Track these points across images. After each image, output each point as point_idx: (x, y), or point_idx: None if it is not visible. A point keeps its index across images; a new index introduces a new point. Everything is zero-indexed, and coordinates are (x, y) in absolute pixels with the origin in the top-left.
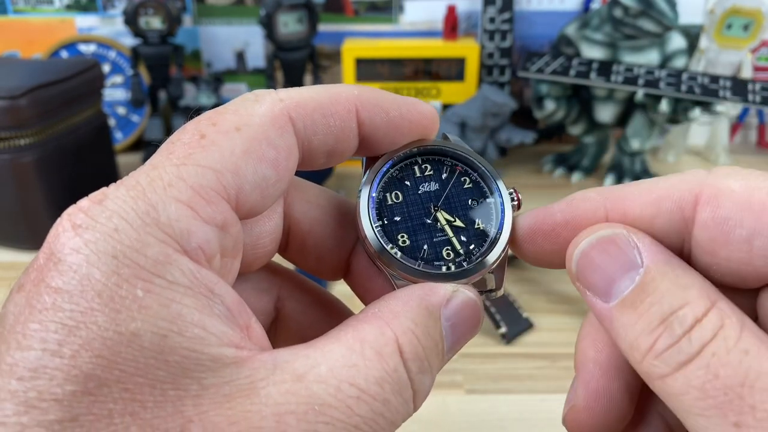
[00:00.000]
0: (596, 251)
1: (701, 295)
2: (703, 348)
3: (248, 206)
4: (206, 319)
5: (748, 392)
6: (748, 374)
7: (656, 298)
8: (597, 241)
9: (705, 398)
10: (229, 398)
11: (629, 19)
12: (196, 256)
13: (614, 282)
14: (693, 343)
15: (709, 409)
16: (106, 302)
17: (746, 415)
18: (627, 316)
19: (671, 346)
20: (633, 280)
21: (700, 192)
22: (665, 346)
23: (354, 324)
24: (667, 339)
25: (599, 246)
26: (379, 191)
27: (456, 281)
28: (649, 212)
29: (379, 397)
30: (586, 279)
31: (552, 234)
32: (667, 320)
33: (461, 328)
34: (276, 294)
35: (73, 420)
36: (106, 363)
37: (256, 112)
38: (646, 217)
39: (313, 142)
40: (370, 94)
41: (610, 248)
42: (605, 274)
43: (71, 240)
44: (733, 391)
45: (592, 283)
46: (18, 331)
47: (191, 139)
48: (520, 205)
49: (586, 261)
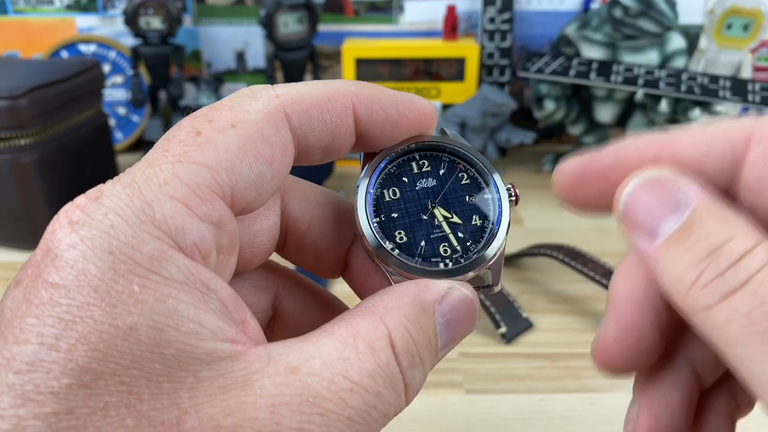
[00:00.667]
0: (643, 192)
1: (748, 232)
2: (750, 279)
3: (244, 203)
4: (201, 314)
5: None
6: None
7: (702, 234)
8: (645, 181)
9: (751, 324)
10: (225, 390)
11: (629, 19)
12: (192, 253)
13: (661, 221)
14: (739, 273)
15: (756, 335)
16: (102, 297)
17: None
18: (673, 253)
19: (717, 276)
20: (680, 218)
21: (752, 132)
22: (711, 278)
23: (347, 318)
24: (714, 270)
25: (647, 186)
26: (376, 188)
27: (453, 278)
28: (701, 152)
29: (371, 390)
30: (634, 219)
31: (601, 177)
32: (713, 254)
33: (456, 325)
34: (274, 292)
35: (70, 412)
36: (102, 356)
37: (251, 109)
38: (697, 156)
39: (309, 138)
40: (368, 90)
41: (657, 188)
42: (652, 213)
43: (68, 236)
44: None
45: (639, 223)
46: (15, 326)
47: (187, 136)
48: (518, 200)
49: (634, 201)
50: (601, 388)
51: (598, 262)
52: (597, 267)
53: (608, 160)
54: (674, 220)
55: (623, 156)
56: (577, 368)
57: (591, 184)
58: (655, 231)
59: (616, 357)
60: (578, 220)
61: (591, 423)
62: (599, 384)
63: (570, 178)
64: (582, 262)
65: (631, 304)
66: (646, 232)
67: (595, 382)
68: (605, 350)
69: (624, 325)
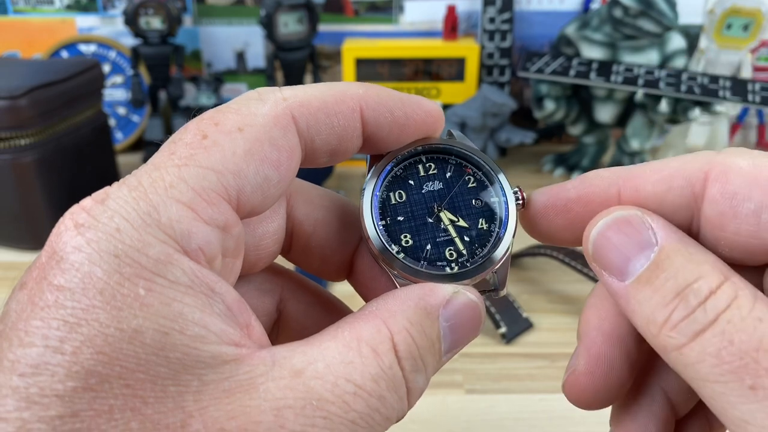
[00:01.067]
0: (612, 231)
1: (715, 269)
2: (718, 317)
3: (250, 207)
4: (207, 317)
5: (764, 356)
6: (763, 339)
7: (671, 274)
8: (613, 221)
9: (721, 364)
10: (229, 394)
11: (629, 19)
12: (197, 257)
13: (630, 261)
14: (708, 312)
15: (725, 375)
16: (107, 300)
17: (762, 378)
18: (643, 293)
19: (687, 316)
20: (648, 258)
21: (709, 169)
22: (681, 317)
23: (351, 321)
24: (683, 310)
25: (615, 226)
26: (382, 190)
27: (458, 282)
28: (661, 189)
29: (374, 394)
30: (603, 259)
31: (565, 209)
32: (682, 293)
33: (461, 330)
34: (278, 295)
35: (74, 415)
36: (107, 359)
37: (258, 112)
38: (658, 193)
39: (316, 141)
40: (375, 93)
41: (625, 228)
42: (621, 253)
43: (74, 239)
44: (749, 356)
45: (609, 263)
46: (20, 328)
47: (193, 139)
48: (525, 203)
49: (603, 241)
50: None
51: None
52: None
53: (572, 194)
54: (643, 259)
55: (586, 190)
56: None
57: (556, 217)
58: (624, 270)
59: (588, 389)
60: None
61: (591, 423)
62: None
63: (536, 211)
64: (582, 262)
65: (600, 335)
66: (615, 272)
67: None
68: (576, 382)
69: (594, 356)
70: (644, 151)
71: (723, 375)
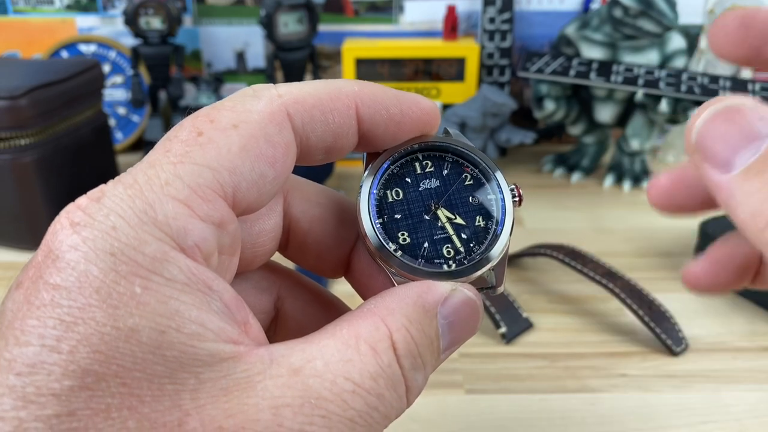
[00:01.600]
0: (720, 120)
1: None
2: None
3: (245, 204)
4: (204, 315)
5: None
6: None
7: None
8: (722, 110)
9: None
10: (227, 392)
11: (629, 19)
12: (193, 254)
13: (737, 152)
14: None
15: None
16: (104, 299)
17: None
18: (749, 186)
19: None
20: (758, 149)
21: None
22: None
23: (349, 319)
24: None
25: (723, 115)
26: (379, 188)
27: (456, 279)
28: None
29: (373, 392)
30: (707, 149)
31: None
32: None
33: (459, 327)
34: (276, 293)
35: (71, 414)
36: (103, 358)
37: (254, 109)
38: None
39: (312, 138)
40: (371, 90)
41: (735, 118)
42: (728, 143)
43: (69, 237)
44: None
45: (713, 153)
46: (16, 327)
47: (188, 136)
48: (521, 201)
49: (708, 130)
50: (601, 388)
51: (598, 262)
52: (597, 267)
53: None
54: (751, 151)
55: None
56: (577, 368)
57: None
58: (730, 162)
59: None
60: (578, 220)
61: (591, 423)
62: (599, 384)
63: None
64: (582, 262)
65: None
66: (720, 163)
67: (595, 382)
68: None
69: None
70: (644, 151)
71: None
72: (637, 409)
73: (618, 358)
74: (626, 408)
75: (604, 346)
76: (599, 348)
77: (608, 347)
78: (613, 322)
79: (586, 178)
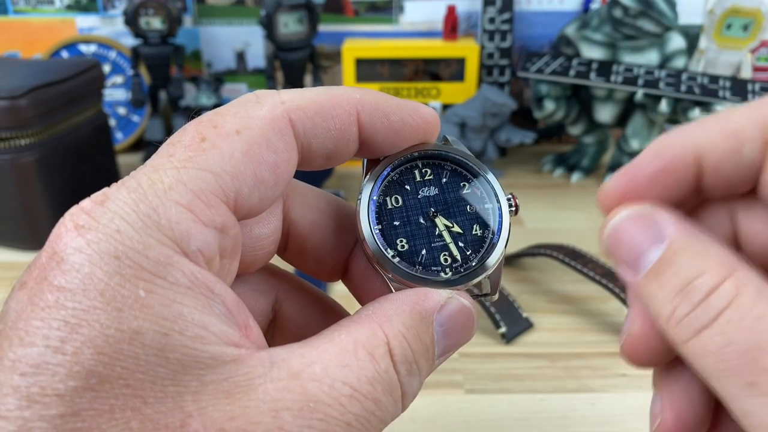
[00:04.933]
0: (625, 227)
1: (719, 264)
2: (719, 314)
3: (247, 208)
4: (206, 318)
5: (762, 355)
6: (761, 338)
7: (676, 269)
8: (625, 218)
9: (721, 361)
10: (228, 394)
11: (629, 19)
12: (196, 258)
13: (641, 256)
14: (709, 310)
15: (726, 371)
16: (108, 301)
17: (760, 375)
18: (652, 287)
19: (689, 313)
20: (657, 253)
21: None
22: (684, 313)
23: (347, 325)
24: (686, 306)
25: (628, 222)
26: (379, 195)
27: (452, 287)
28: (733, 142)
29: (370, 396)
30: (617, 254)
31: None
32: (685, 289)
33: (454, 335)
34: (274, 296)
35: (75, 415)
36: (107, 360)
37: (256, 115)
38: (732, 147)
39: (313, 144)
40: (372, 98)
41: (637, 224)
42: (633, 248)
43: (74, 240)
44: (748, 355)
45: (622, 258)
46: (20, 328)
47: (191, 141)
48: (518, 210)
49: (616, 236)
50: (601, 388)
51: (598, 262)
52: (597, 267)
53: (648, 170)
54: (653, 254)
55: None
56: (577, 368)
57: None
58: (637, 265)
59: (644, 350)
60: (578, 220)
61: (591, 423)
62: (599, 384)
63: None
64: (582, 262)
65: None
66: (629, 266)
67: (595, 382)
68: (633, 345)
69: (649, 319)
70: None
71: (724, 371)
72: (637, 409)
73: (618, 358)
74: (626, 408)
75: (604, 346)
76: (599, 348)
77: (608, 347)
78: (613, 322)
79: (586, 178)
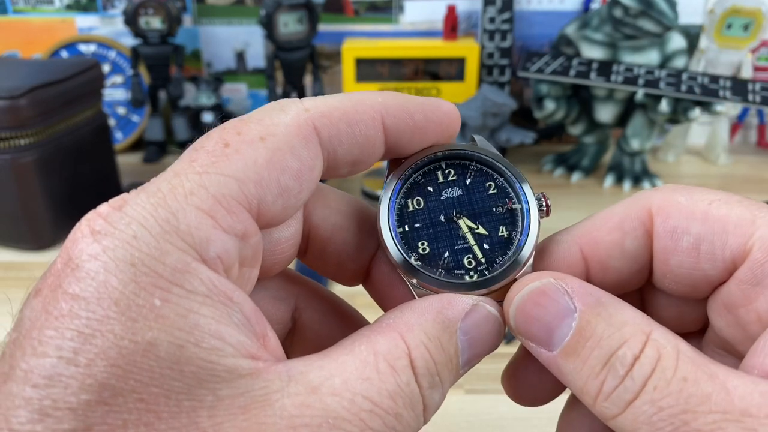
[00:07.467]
0: (530, 304)
1: (636, 330)
2: (646, 383)
3: (269, 216)
4: (223, 328)
5: (692, 417)
6: (689, 401)
7: (595, 342)
8: (529, 294)
9: (655, 430)
10: (244, 410)
11: (629, 19)
12: (215, 265)
13: (553, 331)
14: (635, 380)
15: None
16: (122, 311)
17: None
18: (572, 363)
19: (617, 386)
20: (570, 326)
21: (651, 206)
22: (612, 388)
23: (368, 334)
24: (612, 381)
25: (532, 298)
26: (400, 197)
27: (478, 290)
28: (617, 235)
29: (391, 411)
30: (527, 332)
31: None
32: (609, 362)
33: (479, 344)
34: (293, 303)
35: (88, 430)
36: (121, 372)
37: (281, 122)
38: (616, 240)
39: (339, 152)
40: (395, 100)
41: (542, 299)
42: (543, 324)
43: (89, 246)
44: (679, 419)
45: (533, 335)
46: (34, 337)
47: (215, 147)
48: (549, 211)
49: (523, 315)
50: None
51: None
52: None
53: None
54: (565, 327)
55: (553, 263)
56: None
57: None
58: (550, 341)
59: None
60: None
61: None
62: None
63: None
64: None
65: None
66: (541, 343)
67: None
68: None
69: None
70: (644, 151)
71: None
72: None
73: None
74: None
75: None
76: None
77: None
78: None
79: (586, 178)
